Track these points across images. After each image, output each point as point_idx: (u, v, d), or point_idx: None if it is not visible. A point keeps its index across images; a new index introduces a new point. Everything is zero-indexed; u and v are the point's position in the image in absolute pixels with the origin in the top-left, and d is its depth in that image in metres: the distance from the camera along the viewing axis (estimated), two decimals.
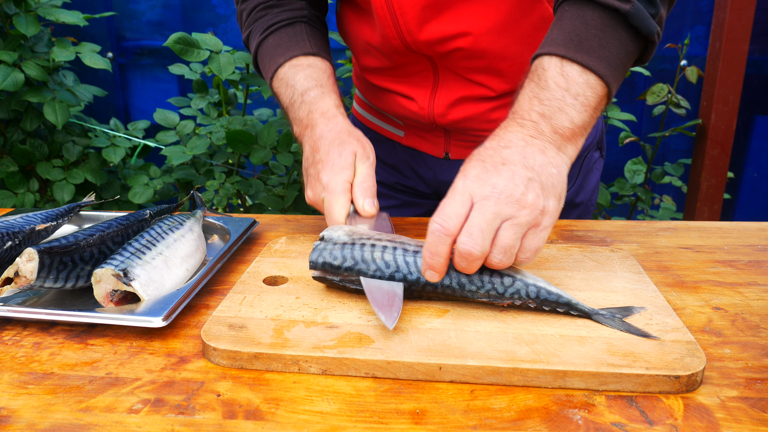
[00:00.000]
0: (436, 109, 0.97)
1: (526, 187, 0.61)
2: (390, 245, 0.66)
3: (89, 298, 0.67)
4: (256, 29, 0.95)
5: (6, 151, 1.93)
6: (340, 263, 0.65)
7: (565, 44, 0.67)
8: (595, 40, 0.67)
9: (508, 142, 0.65)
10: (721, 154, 2.14)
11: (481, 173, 0.63)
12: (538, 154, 0.64)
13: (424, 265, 0.62)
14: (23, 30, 1.72)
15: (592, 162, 1.11)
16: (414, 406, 0.52)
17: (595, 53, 0.67)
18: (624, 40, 0.68)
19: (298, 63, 0.90)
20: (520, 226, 0.60)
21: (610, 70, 0.68)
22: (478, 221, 0.59)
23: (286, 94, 0.89)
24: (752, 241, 0.88)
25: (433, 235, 0.60)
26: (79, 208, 0.91)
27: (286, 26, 0.94)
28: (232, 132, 1.78)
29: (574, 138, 0.67)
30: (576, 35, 0.68)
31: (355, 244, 0.67)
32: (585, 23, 0.68)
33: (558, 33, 0.69)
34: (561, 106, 0.66)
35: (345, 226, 0.72)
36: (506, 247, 0.60)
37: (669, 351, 0.56)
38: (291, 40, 0.93)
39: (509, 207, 0.60)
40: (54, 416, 0.51)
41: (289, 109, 0.89)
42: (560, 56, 0.67)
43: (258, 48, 0.95)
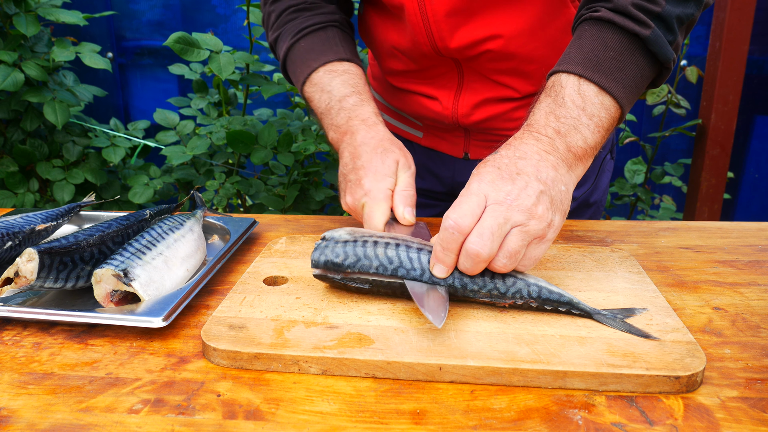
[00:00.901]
0: (461, 110, 0.97)
1: (537, 199, 0.62)
2: (392, 242, 0.66)
3: (89, 298, 0.67)
4: (286, 32, 0.94)
5: (6, 151, 1.93)
6: (342, 260, 0.65)
7: (584, 64, 0.68)
8: (613, 63, 0.68)
9: (524, 153, 0.65)
10: (721, 154, 2.14)
11: (497, 179, 0.63)
12: (550, 169, 0.64)
13: (434, 260, 0.63)
14: (23, 30, 1.72)
15: (605, 164, 1.13)
16: (414, 407, 0.52)
17: (612, 75, 0.68)
18: (641, 64, 0.70)
19: (334, 68, 0.89)
20: (528, 234, 0.61)
21: (625, 92, 0.69)
22: (490, 223, 0.60)
23: (322, 99, 0.88)
24: (752, 241, 0.88)
25: (446, 232, 0.61)
26: (79, 208, 0.91)
27: (319, 30, 0.93)
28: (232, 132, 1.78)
29: (585, 157, 0.68)
30: (595, 56, 0.69)
31: (357, 242, 0.67)
32: (604, 45, 0.69)
33: (577, 52, 0.70)
34: (576, 125, 0.67)
35: (346, 227, 0.72)
36: (512, 252, 0.61)
37: (669, 351, 0.56)
38: (324, 44, 0.92)
39: (520, 215, 0.61)
40: (54, 416, 0.51)
41: (324, 115, 0.88)
42: (578, 75, 0.68)
43: (288, 51, 0.94)
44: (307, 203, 2.02)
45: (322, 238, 0.69)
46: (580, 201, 1.10)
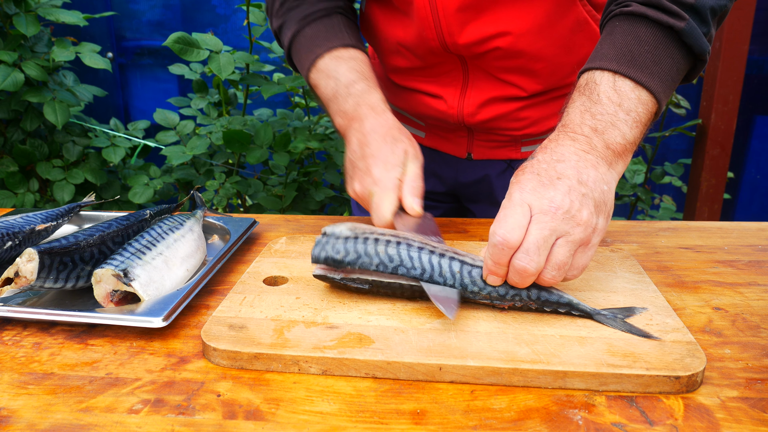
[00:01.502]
0: (466, 109, 0.97)
1: (581, 204, 0.61)
2: (394, 240, 0.66)
3: (89, 298, 0.67)
4: (290, 19, 0.94)
5: (6, 151, 1.93)
6: (343, 257, 0.65)
7: (618, 59, 0.67)
8: (649, 57, 0.67)
9: (561, 156, 0.64)
10: (721, 154, 2.14)
11: (538, 186, 0.62)
12: (591, 169, 0.63)
13: (486, 271, 0.62)
14: (23, 30, 1.72)
15: None
16: (414, 407, 0.52)
17: (648, 69, 0.67)
18: (676, 57, 0.68)
19: (340, 55, 0.88)
20: (574, 244, 0.60)
21: (661, 86, 0.67)
22: (536, 238, 0.59)
23: (328, 85, 0.88)
24: (752, 241, 0.88)
25: (496, 248, 0.60)
26: (79, 208, 0.91)
27: (323, 17, 0.92)
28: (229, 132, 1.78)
29: (624, 154, 0.67)
30: (629, 51, 0.67)
31: (358, 238, 0.66)
32: (638, 39, 0.68)
33: (610, 48, 0.69)
34: (613, 121, 0.65)
35: (348, 222, 0.71)
36: (560, 264, 0.60)
37: (669, 351, 0.56)
38: (329, 31, 0.91)
39: (565, 224, 0.60)
40: (54, 416, 0.51)
41: (331, 101, 0.88)
42: (613, 71, 0.67)
43: (293, 38, 0.93)
44: (306, 203, 2.02)
45: (323, 233, 0.69)
46: None
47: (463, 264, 0.64)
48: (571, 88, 0.72)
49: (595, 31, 0.90)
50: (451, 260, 0.64)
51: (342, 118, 0.86)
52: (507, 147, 1.04)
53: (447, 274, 0.64)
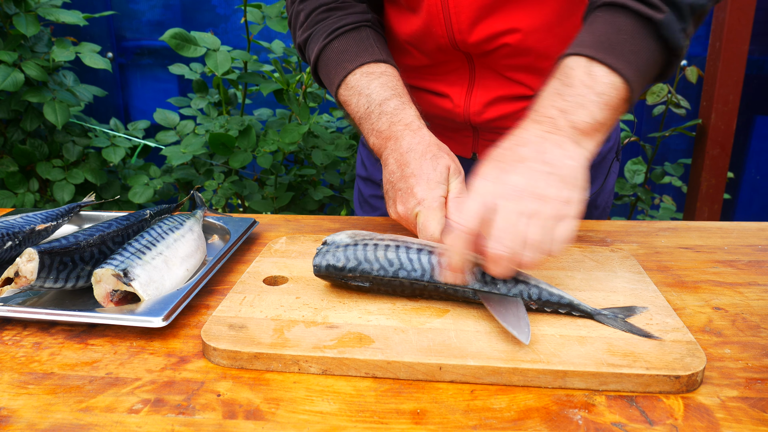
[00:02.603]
0: (473, 107, 0.97)
1: (545, 182, 0.61)
2: (393, 244, 0.66)
3: (89, 298, 0.67)
4: (317, 32, 0.91)
5: (6, 151, 1.93)
6: (344, 264, 0.65)
7: (595, 46, 0.68)
8: (626, 46, 0.68)
9: (524, 141, 0.65)
10: (721, 154, 2.14)
11: (499, 174, 0.63)
12: (554, 148, 0.64)
13: (442, 264, 0.62)
14: (23, 30, 1.72)
15: (612, 166, 1.13)
16: (414, 406, 0.52)
17: (624, 57, 0.68)
18: (653, 49, 0.70)
19: (371, 70, 0.86)
20: (546, 220, 0.61)
21: (636, 75, 0.68)
22: (504, 224, 0.59)
23: (360, 103, 0.85)
24: (752, 241, 0.88)
25: (451, 234, 0.60)
26: (79, 208, 0.91)
27: (352, 30, 0.90)
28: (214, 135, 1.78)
29: (592, 133, 0.67)
30: (607, 39, 0.68)
31: (357, 245, 0.67)
32: (617, 28, 0.69)
33: (588, 36, 0.70)
34: (583, 102, 0.66)
35: (348, 230, 0.72)
36: (535, 243, 0.60)
37: (669, 351, 0.56)
38: (359, 45, 0.89)
39: (531, 203, 0.60)
40: (54, 416, 0.51)
41: (364, 120, 0.85)
42: (589, 57, 0.68)
43: (320, 53, 0.91)
44: (305, 203, 2.02)
45: (324, 242, 0.69)
46: (587, 203, 1.09)
47: None
48: None
49: None
50: None
51: (376, 138, 0.84)
52: None
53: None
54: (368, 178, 1.18)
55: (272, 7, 1.81)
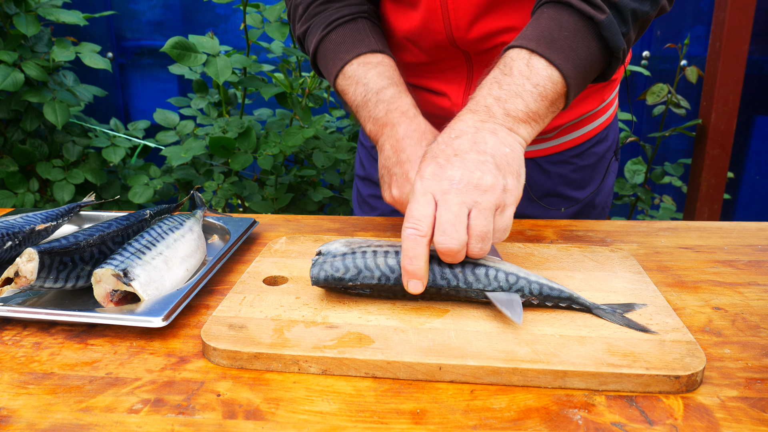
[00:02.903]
0: None
1: (482, 172, 0.62)
2: (392, 250, 0.66)
3: (89, 298, 0.67)
4: (315, 24, 0.93)
5: (6, 151, 1.93)
6: (343, 274, 0.65)
7: (537, 40, 0.71)
8: (566, 42, 0.71)
9: (459, 132, 0.67)
10: (721, 154, 2.14)
11: (436, 169, 0.64)
12: (489, 136, 0.65)
13: (405, 275, 0.61)
14: (23, 30, 1.72)
15: (611, 165, 1.13)
16: (414, 406, 0.52)
17: (563, 53, 0.70)
18: (592, 47, 0.72)
19: (368, 60, 0.88)
20: (488, 210, 0.62)
21: (573, 71, 0.71)
22: (447, 217, 0.61)
23: (357, 92, 0.87)
24: (752, 241, 0.88)
25: (408, 241, 0.61)
26: (79, 208, 0.91)
27: (349, 22, 0.92)
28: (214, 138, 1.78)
29: (527, 121, 0.69)
30: (549, 34, 0.71)
31: (355, 253, 0.66)
32: (560, 25, 0.71)
33: (532, 30, 0.72)
34: (519, 91, 0.68)
35: (341, 238, 0.71)
36: (482, 234, 0.61)
37: (669, 351, 0.56)
38: (355, 36, 0.91)
39: (471, 194, 0.61)
40: (54, 416, 0.51)
41: (361, 108, 0.87)
42: (530, 50, 0.70)
43: (319, 44, 0.92)
44: (305, 204, 2.02)
45: (318, 253, 0.68)
46: (585, 202, 1.09)
47: (464, 264, 0.65)
48: None
49: None
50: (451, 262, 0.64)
51: (373, 125, 0.86)
52: None
53: (449, 276, 0.64)
54: (367, 177, 1.18)
55: (272, 9, 1.81)
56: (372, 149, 1.16)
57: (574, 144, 1.06)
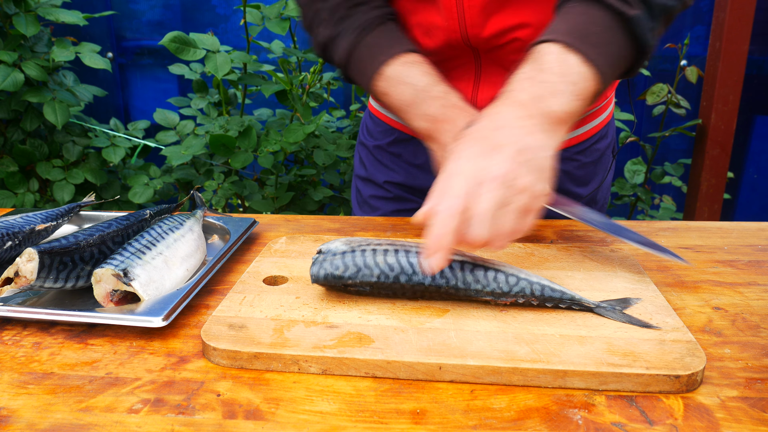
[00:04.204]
0: (480, 103, 0.97)
1: (519, 171, 0.61)
2: (391, 248, 0.66)
3: (89, 298, 0.67)
4: (346, 29, 0.92)
5: (6, 151, 1.93)
6: (343, 272, 0.65)
7: (570, 34, 0.69)
8: (599, 37, 0.69)
9: (501, 123, 0.65)
10: (721, 154, 2.14)
11: (476, 155, 0.62)
12: (529, 136, 0.64)
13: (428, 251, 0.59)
14: (23, 30, 1.72)
15: (609, 163, 1.14)
16: (414, 406, 0.52)
17: (597, 48, 0.69)
18: (623, 44, 0.71)
19: (407, 60, 0.88)
20: (518, 211, 0.61)
21: (607, 68, 0.69)
22: (481, 208, 0.59)
23: (405, 91, 0.87)
24: (752, 241, 0.88)
25: (442, 214, 0.59)
26: (79, 208, 0.91)
27: (380, 25, 0.91)
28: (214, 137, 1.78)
29: (562, 123, 0.68)
30: (581, 28, 0.70)
31: (355, 251, 0.66)
32: (591, 20, 0.70)
33: (563, 24, 0.71)
34: (555, 90, 0.67)
35: (341, 237, 0.71)
36: (509, 232, 0.60)
37: (669, 351, 0.56)
38: (389, 38, 0.90)
39: (507, 191, 0.60)
40: (54, 416, 0.51)
41: (410, 106, 0.87)
42: (563, 44, 0.69)
43: (353, 48, 0.91)
44: (305, 203, 2.02)
45: (318, 251, 0.68)
46: (588, 199, 1.10)
47: (464, 263, 0.65)
48: None
49: None
50: (450, 262, 0.64)
51: (426, 122, 0.85)
52: None
53: (449, 275, 0.64)
54: (368, 178, 1.18)
55: (271, 7, 1.81)
56: (374, 148, 1.16)
57: (579, 141, 1.06)
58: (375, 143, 1.15)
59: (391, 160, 1.14)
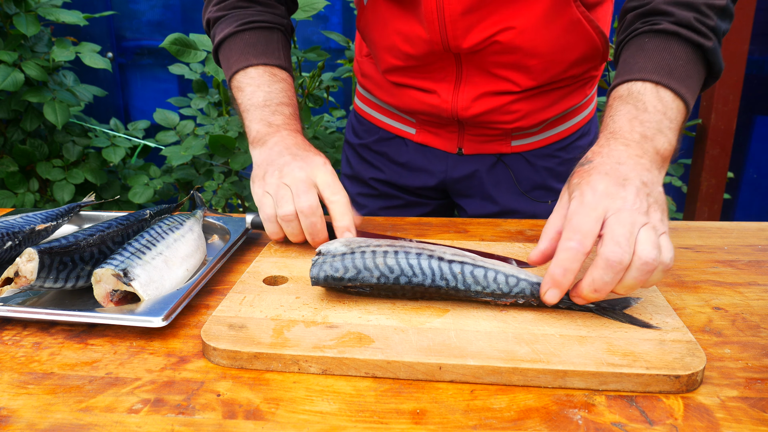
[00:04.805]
0: (460, 103, 0.98)
1: (648, 204, 0.62)
2: (391, 249, 0.66)
3: (89, 298, 0.67)
4: (232, 17, 0.95)
5: (6, 151, 1.93)
6: (343, 274, 0.65)
7: (657, 72, 0.72)
8: (683, 71, 0.72)
9: (620, 159, 0.66)
10: (721, 154, 2.14)
11: (610, 187, 0.62)
12: (646, 172, 0.65)
13: (549, 283, 0.60)
14: (23, 30, 1.72)
15: None
16: (414, 406, 0.52)
17: (683, 82, 0.72)
18: (701, 73, 0.75)
19: (274, 72, 0.91)
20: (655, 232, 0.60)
21: (691, 97, 0.73)
22: (622, 231, 0.59)
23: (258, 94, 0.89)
24: (752, 241, 0.88)
25: (569, 252, 0.59)
26: (79, 208, 0.91)
27: (265, 29, 0.94)
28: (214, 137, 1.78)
29: (667, 160, 0.70)
30: (666, 64, 0.72)
31: (354, 253, 0.66)
32: (673, 55, 0.73)
33: (646, 61, 0.73)
34: (660, 128, 0.69)
35: (342, 238, 0.71)
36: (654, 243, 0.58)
37: (669, 351, 0.56)
38: (268, 45, 0.93)
39: (641, 217, 0.60)
40: (54, 416, 0.51)
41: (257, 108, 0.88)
42: (655, 82, 0.71)
43: (228, 36, 0.94)
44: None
45: (318, 252, 0.68)
46: None
47: (464, 264, 0.64)
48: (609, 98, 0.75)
49: (587, 32, 0.92)
50: (450, 263, 0.64)
51: (265, 126, 0.86)
52: (497, 141, 1.05)
53: (449, 277, 0.64)
54: (354, 176, 1.19)
55: None
56: (359, 147, 1.16)
57: (560, 138, 1.08)
58: (360, 142, 1.17)
59: (376, 158, 1.15)
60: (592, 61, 0.98)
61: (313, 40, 2.44)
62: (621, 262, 0.58)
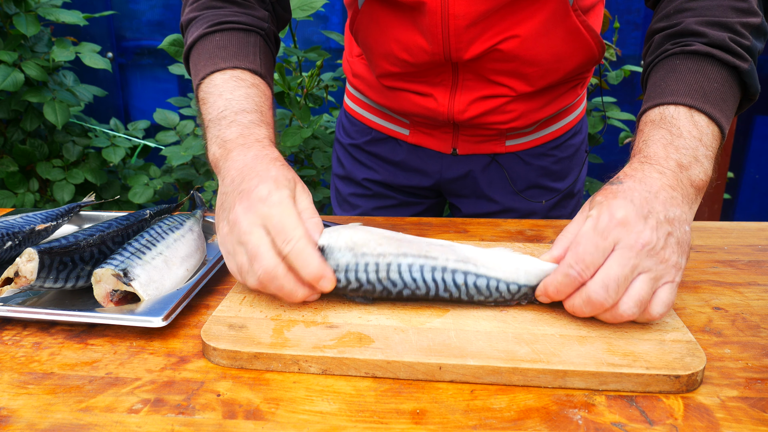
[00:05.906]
0: (457, 107, 0.98)
1: (666, 242, 0.59)
2: (395, 262, 0.64)
3: (89, 298, 0.67)
4: (204, 18, 0.84)
5: (6, 151, 1.93)
6: (345, 285, 0.64)
7: (691, 95, 0.68)
8: (718, 94, 0.69)
9: (653, 189, 0.62)
10: (721, 154, 2.14)
11: (630, 217, 0.59)
12: (676, 207, 0.62)
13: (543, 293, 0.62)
14: (23, 30, 1.72)
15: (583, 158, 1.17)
16: (414, 406, 0.52)
17: (718, 105, 0.68)
18: (737, 95, 0.72)
19: (243, 77, 0.78)
20: (656, 281, 0.59)
21: (727, 122, 0.69)
22: (617, 273, 0.57)
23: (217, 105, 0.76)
24: (752, 241, 0.88)
25: (567, 278, 0.59)
26: (79, 208, 0.91)
27: (240, 31, 0.83)
28: None
29: (702, 191, 0.67)
30: (700, 87, 0.69)
31: (358, 264, 0.64)
32: (707, 77, 0.69)
33: (679, 84, 0.70)
34: (696, 156, 0.65)
35: (345, 231, 0.68)
36: (639, 299, 0.58)
37: (669, 350, 0.56)
38: (240, 47, 0.81)
39: (649, 260, 0.58)
40: (54, 416, 0.51)
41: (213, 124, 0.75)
42: (689, 106, 0.68)
43: (198, 39, 0.83)
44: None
45: (321, 249, 0.64)
46: (565, 192, 1.13)
47: (467, 274, 0.63)
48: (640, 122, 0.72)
49: (585, 41, 0.92)
50: (453, 273, 0.63)
51: (219, 147, 0.72)
52: (492, 141, 1.06)
53: (452, 289, 0.63)
54: (346, 176, 1.19)
55: None
56: (351, 147, 1.16)
57: (553, 137, 1.09)
58: (352, 142, 1.16)
59: (369, 159, 1.14)
60: (588, 67, 0.99)
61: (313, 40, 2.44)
62: (602, 305, 0.58)
